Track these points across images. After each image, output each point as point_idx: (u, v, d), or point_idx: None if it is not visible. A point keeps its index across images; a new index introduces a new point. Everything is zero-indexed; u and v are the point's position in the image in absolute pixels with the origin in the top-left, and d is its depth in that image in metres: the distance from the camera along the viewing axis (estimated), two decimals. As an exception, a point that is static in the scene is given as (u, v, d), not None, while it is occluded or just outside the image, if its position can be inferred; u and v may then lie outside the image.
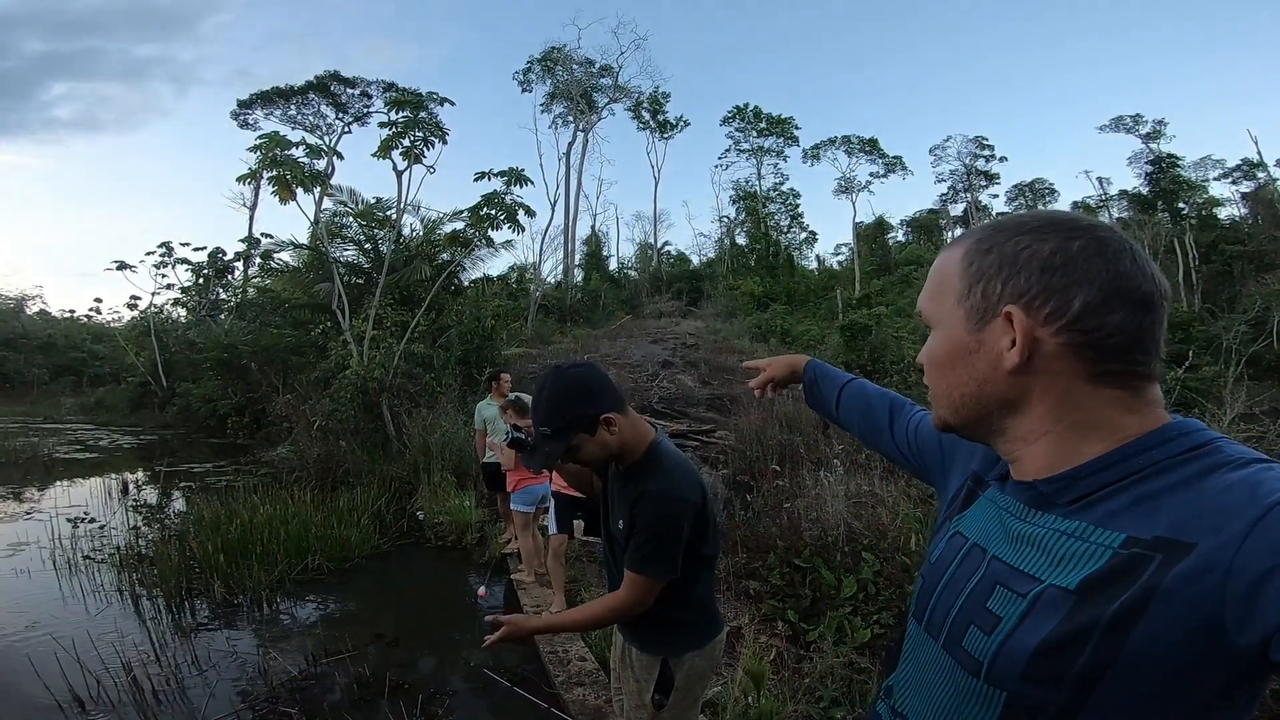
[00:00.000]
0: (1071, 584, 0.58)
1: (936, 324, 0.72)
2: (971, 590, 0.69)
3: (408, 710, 3.09)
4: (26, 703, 3.22)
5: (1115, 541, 0.58)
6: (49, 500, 8.89)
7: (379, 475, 8.28)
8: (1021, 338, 0.63)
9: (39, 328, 41.85)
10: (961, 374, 0.69)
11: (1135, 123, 35.68)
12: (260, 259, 20.39)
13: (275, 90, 27.88)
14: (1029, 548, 0.65)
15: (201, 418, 17.74)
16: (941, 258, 0.73)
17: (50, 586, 5.03)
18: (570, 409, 1.52)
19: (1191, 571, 0.52)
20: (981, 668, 0.63)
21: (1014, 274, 0.65)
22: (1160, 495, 0.58)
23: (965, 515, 0.79)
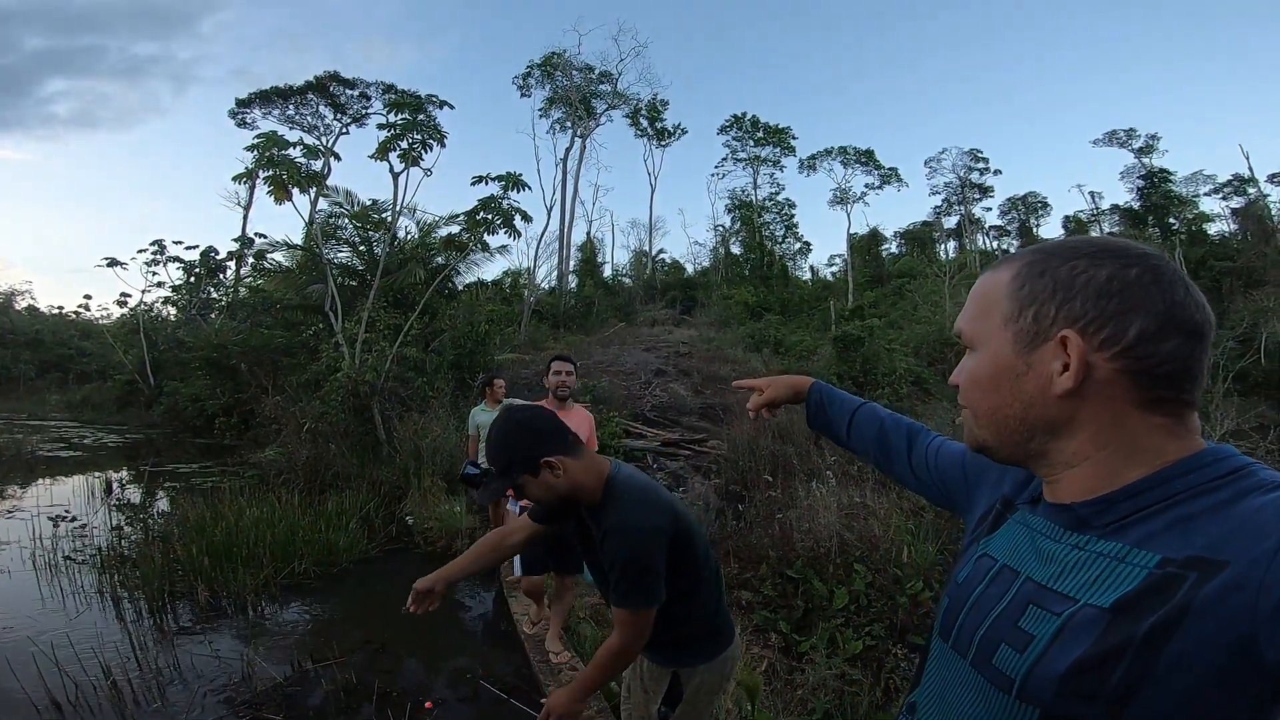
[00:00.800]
0: (1107, 603, 0.60)
1: (979, 345, 0.72)
2: (1002, 610, 0.69)
3: (394, 718, 3.04)
4: (3, 706, 3.15)
5: (1151, 562, 0.59)
6: (31, 499, 8.76)
7: (368, 479, 8.21)
8: (1077, 362, 0.64)
9: (27, 323, 41.42)
10: (1006, 396, 0.69)
11: (1129, 137, 36.14)
12: (253, 259, 20.25)
13: (274, 90, 27.82)
14: (1064, 568, 0.66)
15: (188, 417, 17.58)
16: (986, 279, 0.74)
17: (30, 587, 4.94)
18: (513, 450, 1.56)
19: (1224, 589, 0.53)
20: (1014, 684, 0.64)
21: (1069, 298, 0.66)
22: (1195, 518, 0.59)
23: (993, 538, 0.80)
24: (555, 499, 1.59)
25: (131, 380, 23.23)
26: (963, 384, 0.74)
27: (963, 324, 0.75)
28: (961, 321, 0.76)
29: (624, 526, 1.52)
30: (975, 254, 37.33)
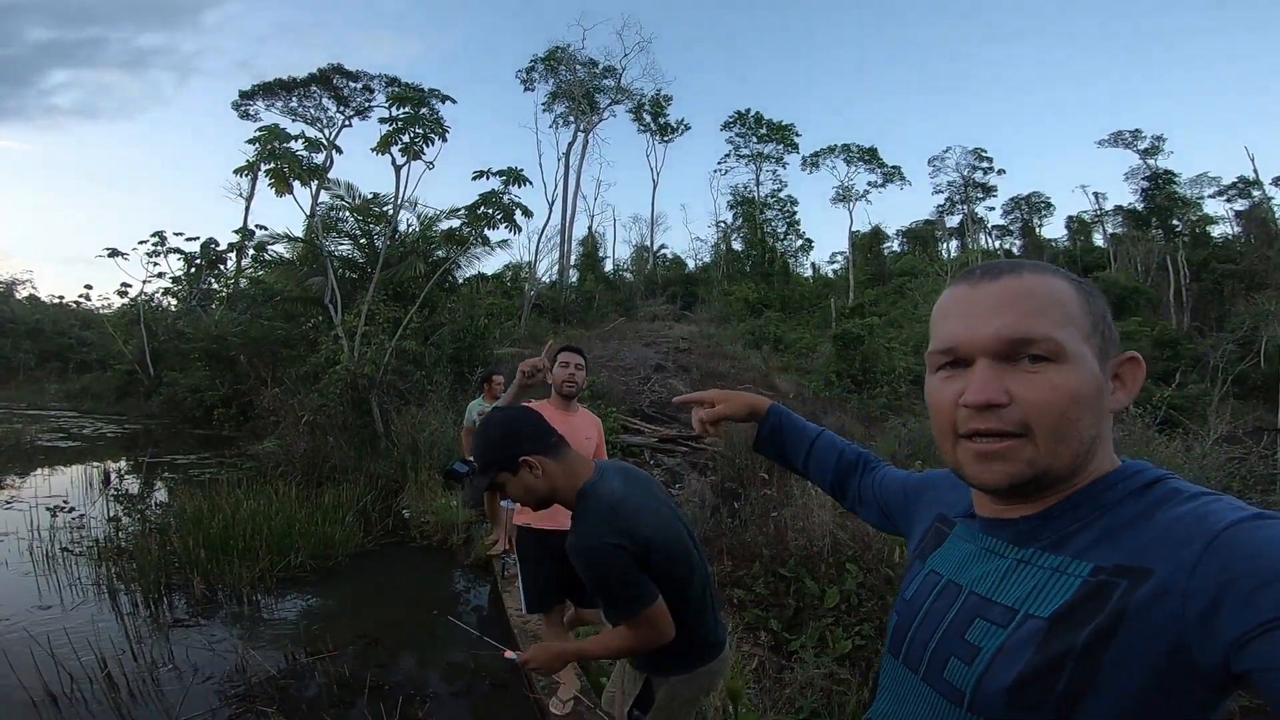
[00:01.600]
0: (1047, 613, 0.62)
1: (1071, 358, 0.64)
2: (950, 623, 0.70)
3: (387, 711, 3.05)
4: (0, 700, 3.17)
5: (1085, 571, 0.62)
6: (29, 489, 8.78)
7: (366, 472, 8.22)
8: (1140, 383, 0.69)
9: (27, 312, 41.40)
10: (1095, 415, 0.65)
11: (1134, 138, 36.09)
12: (254, 250, 20.26)
13: (277, 82, 27.81)
14: (1008, 581, 0.68)
15: (187, 408, 17.62)
16: (1042, 284, 0.66)
17: (27, 579, 4.95)
18: (494, 448, 1.59)
19: (1153, 596, 0.56)
20: (964, 697, 0.65)
21: (1109, 320, 0.69)
22: (1121, 528, 0.63)
23: (937, 554, 0.81)
24: (534, 499, 1.61)
25: (131, 370, 23.26)
26: (1053, 403, 0.63)
27: (1045, 329, 0.64)
28: (1039, 326, 0.64)
29: (579, 546, 1.52)
30: (978, 253, 37.33)
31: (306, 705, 3.21)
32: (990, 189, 41.09)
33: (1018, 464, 0.64)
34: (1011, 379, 0.64)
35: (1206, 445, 5.17)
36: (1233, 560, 0.53)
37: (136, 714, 3.06)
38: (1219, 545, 0.54)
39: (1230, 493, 4.08)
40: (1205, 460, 5.39)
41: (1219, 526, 0.55)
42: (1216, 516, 0.57)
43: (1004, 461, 0.65)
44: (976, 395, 0.64)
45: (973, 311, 0.67)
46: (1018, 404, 0.63)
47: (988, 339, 0.65)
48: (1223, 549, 0.54)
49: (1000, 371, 0.65)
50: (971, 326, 0.66)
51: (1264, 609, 0.49)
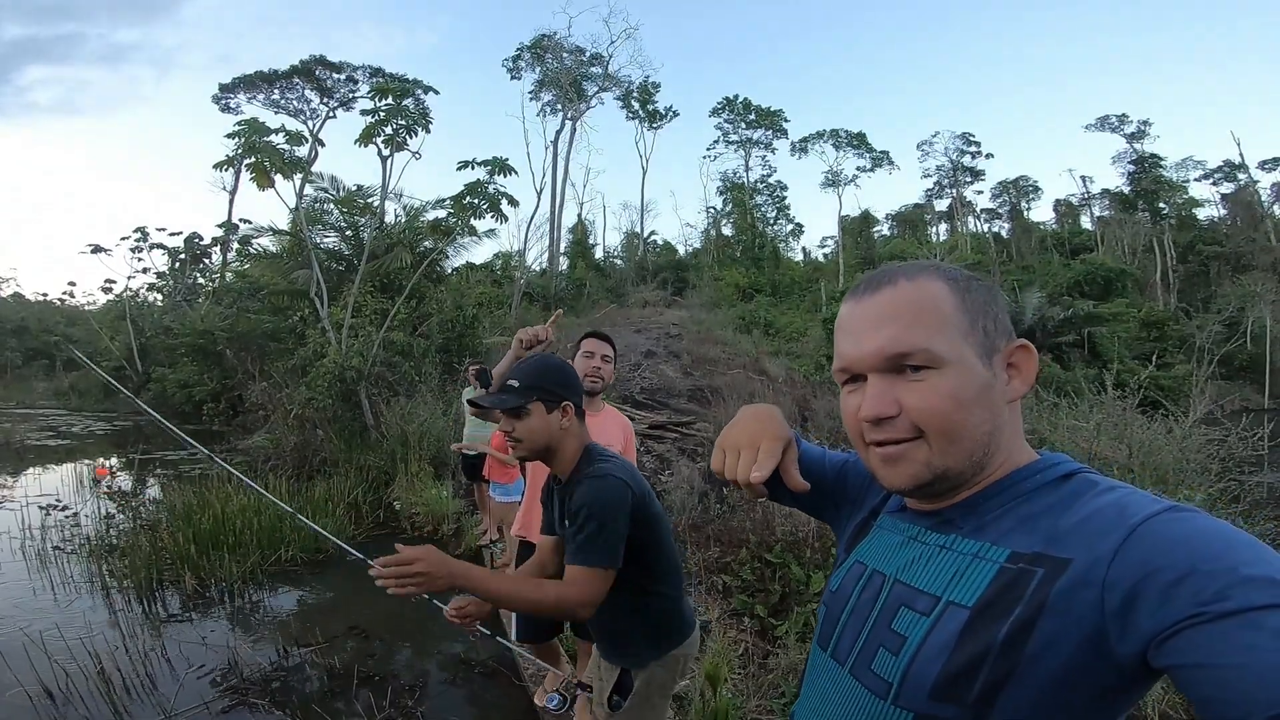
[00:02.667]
0: (969, 601, 0.63)
1: (949, 362, 0.66)
2: (878, 614, 0.71)
3: (377, 702, 3.11)
4: (-5, 694, 3.19)
5: (1002, 557, 0.63)
6: (20, 488, 8.76)
7: (356, 465, 8.23)
8: (1033, 370, 0.69)
9: (12, 311, 40.98)
10: (985, 412, 0.67)
11: (1121, 122, 36.21)
12: (239, 244, 20.09)
13: (259, 74, 27.43)
14: (930, 568, 0.69)
15: (177, 404, 17.54)
16: (914, 292, 0.68)
17: (20, 578, 4.97)
18: (544, 379, 1.61)
19: (1071, 586, 0.57)
20: (890, 689, 0.65)
21: (996, 312, 0.70)
22: (1038, 516, 0.64)
23: (863, 545, 0.82)
24: (544, 442, 1.61)
25: (119, 367, 23.08)
26: (938, 407, 0.65)
27: (919, 340, 0.66)
28: (913, 339, 0.66)
29: (598, 474, 1.55)
30: (967, 236, 37.43)
31: (298, 697, 3.25)
32: (979, 173, 41.15)
33: (916, 464, 0.67)
34: (900, 390, 0.67)
35: (1187, 426, 5.23)
36: (1150, 553, 0.54)
37: (131, 708, 3.09)
38: (1136, 537, 0.55)
39: (1209, 475, 4.14)
40: (1185, 443, 5.47)
41: (1136, 519, 0.56)
42: (1135, 508, 0.58)
43: (905, 463, 0.68)
44: (868, 410, 0.68)
45: (857, 329, 0.70)
46: (906, 413, 0.66)
47: (870, 357, 0.68)
48: (1140, 541, 0.55)
49: (889, 384, 0.67)
50: (857, 345, 0.69)
51: (1180, 606, 0.50)
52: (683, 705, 2.61)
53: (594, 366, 2.55)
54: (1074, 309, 19.54)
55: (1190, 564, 0.51)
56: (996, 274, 29.34)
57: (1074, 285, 25.88)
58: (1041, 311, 18.99)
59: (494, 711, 3.22)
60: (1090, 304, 20.92)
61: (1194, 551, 0.52)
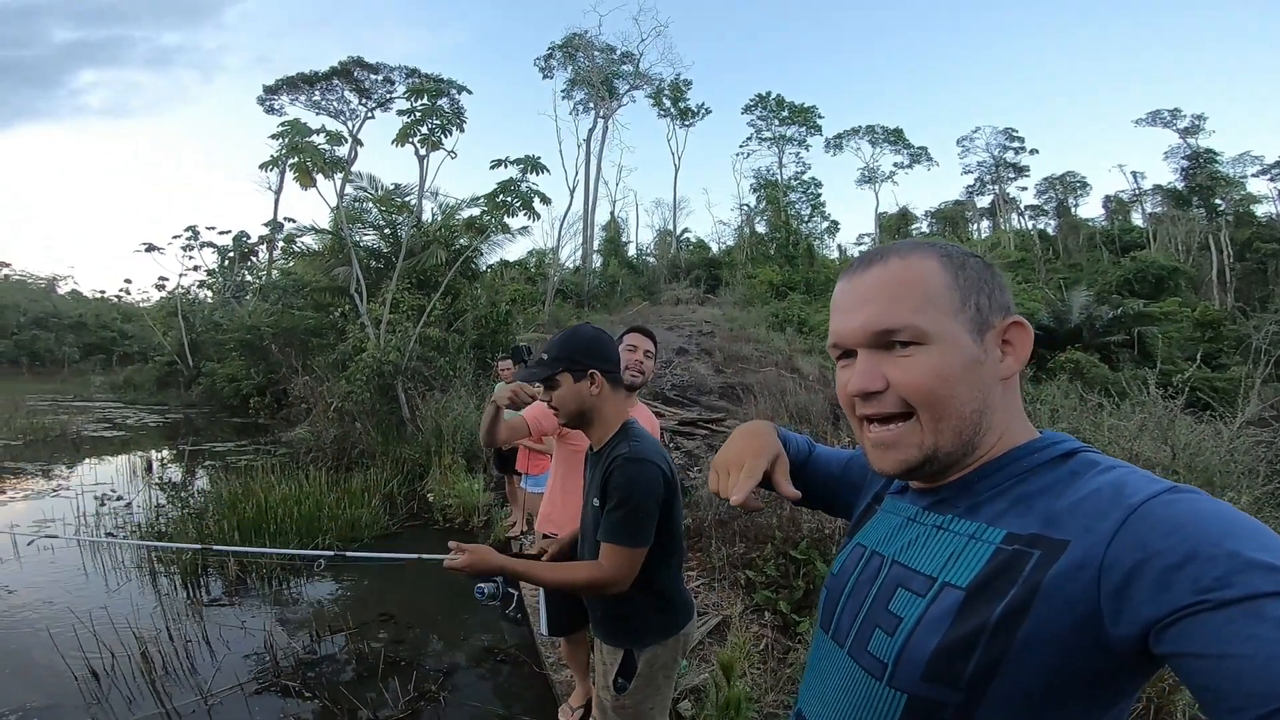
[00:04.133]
0: (963, 582, 0.62)
1: (935, 338, 0.66)
2: (875, 595, 0.71)
3: (403, 686, 3.19)
4: (45, 675, 3.34)
5: (998, 538, 0.63)
6: (76, 478, 9.17)
7: (392, 457, 8.41)
8: (1027, 346, 0.69)
9: (70, 307, 42.94)
10: (974, 389, 0.67)
11: (1173, 117, 34.88)
12: (283, 242, 20.69)
13: (300, 76, 28.13)
14: (926, 549, 0.69)
15: (225, 397, 18.18)
16: (905, 270, 0.69)
17: (73, 563, 5.19)
18: (569, 348, 1.68)
19: (1068, 569, 0.56)
20: (885, 670, 0.65)
21: (993, 289, 0.69)
22: (1034, 496, 0.63)
23: (864, 528, 0.82)
24: (577, 410, 1.69)
25: (171, 361, 24.03)
26: (923, 383, 0.66)
27: (904, 317, 0.67)
28: (898, 315, 0.67)
29: (635, 456, 1.59)
30: (1010, 233, 36.47)
31: (328, 680, 3.35)
32: (1022, 169, 40.06)
33: (908, 450, 0.68)
34: (888, 365, 0.68)
35: (1234, 427, 5.03)
36: (1149, 535, 0.53)
37: (170, 689, 3.21)
38: (1136, 519, 0.55)
39: (1257, 478, 3.98)
40: (1233, 444, 5.25)
41: (1136, 500, 0.56)
42: (1133, 489, 0.57)
43: (895, 449, 0.69)
44: (855, 385, 0.69)
45: (848, 306, 0.71)
46: (894, 388, 0.67)
47: (858, 333, 0.69)
48: (1140, 522, 0.54)
49: (878, 359, 0.68)
50: (847, 321, 0.70)
51: (1181, 592, 0.50)
52: (700, 697, 2.62)
53: (636, 360, 2.55)
54: (1123, 308, 18.88)
55: (1191, 548, 0.50)
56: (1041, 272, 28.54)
57: (1123, 283, 25.01)
58: (1089, 310, 18.39)
59: (515, 699, 3.26)
60: (1141, 303, 20.18)
61: (1194, 535, 0.51)
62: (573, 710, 2.87)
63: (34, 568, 5.17)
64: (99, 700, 3.11)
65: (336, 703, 3.09)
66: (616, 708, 1.74)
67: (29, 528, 6.25)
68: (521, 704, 3.19)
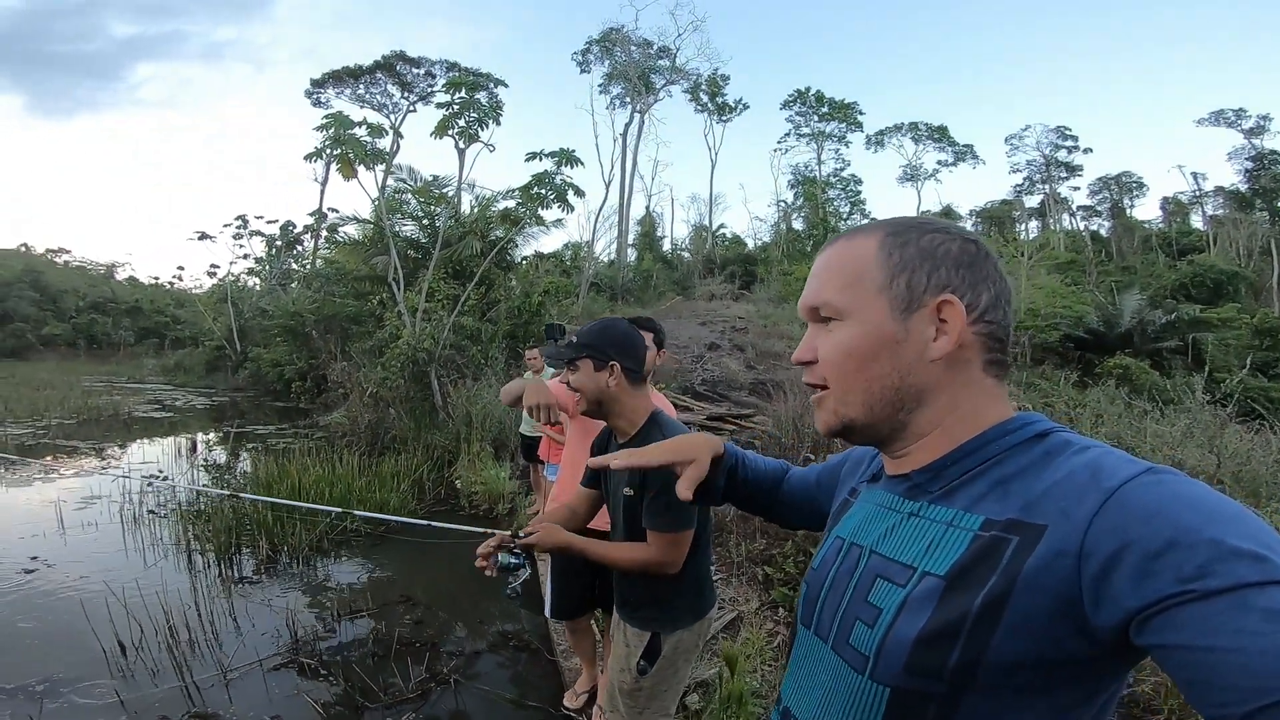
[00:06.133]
0: (942, 570, 0.61)
1: (851, 315, 0.69)
2: (855, 586, 0.70)
3: (415, 668, 3.24)
4: (74, 647, 3.48)
5: (975, 524, 0.62)
6: (125, 457, 9.56)
7: (423, 443, 8.56)
8: (961, 326, 0.67)
9: (127, 293, 44.75)
10: (886, 366, 0.68)
11: (1238, 117, 33.35)
12: (327, 232, 21.20)
13: (345, 70, 28.81)
14: (903, 537, 0.68)
15: (269, 382, 18.74)
16: (842, 249, 0.72)
17: (115, 539, 5.38)
18: (598, 339, 1.74)
19: (1047, 556, 0.55)
20: (867, 663, 0.64)
21: (936, 267, 0.68)
22: (1011, 480, 0.62)
23: (841, 521, 0.81)
24: (594, 396, 1.74)
25: (220, 346, 24.83)
26: (832, 357, 0.70)
27: (826, 294, 0.71)
28: (823, 293, 0.71)
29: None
30: (1060, 234, 35.34)
31: (344, 659, 3.42)
32: (1075, 168, 38.68)
33: (826, 413, 0.73)
34: (819, 338, 0.73)
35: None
36: (1128, 520, 0.52)
37: (193, 662, 3.31)
38: (1114, 503, 0.53)
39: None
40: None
41: (1113, 482, 0.54)
42: (1110, 471, 0.56)
43: (820, 410, 0.74)
44: (795, 355, 0.75)
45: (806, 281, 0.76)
46: (820, 360, 0.72)
47: (800, 309, 0.75)
48: (1118, 507, 0.53)
49: (814, 334, 0.73)
50: (801, 298, 0.76)
51: (1162, 581, 0.48)
52: (708, 690, 2.59)
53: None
54: (1178, 313, 18.13)
55: (1171, 535, 0.49)
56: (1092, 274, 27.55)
57: (1179, 288, 24.00)
58: (1141, 315, 17.71)
59: (525, 684, 3.28)
60: (1197, 308, 19.36)
61: (1174, 521, 0.50)
62: (577, 695, 2.92)
63: (76, 543, 5.38)
64: (124, 672, 3.22)
65: (350, 681, 3.15)
66: (634, 690, 1.76)
67: (76, 504, 6.55)
68: (531, 689, 3.21)
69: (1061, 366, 15.24)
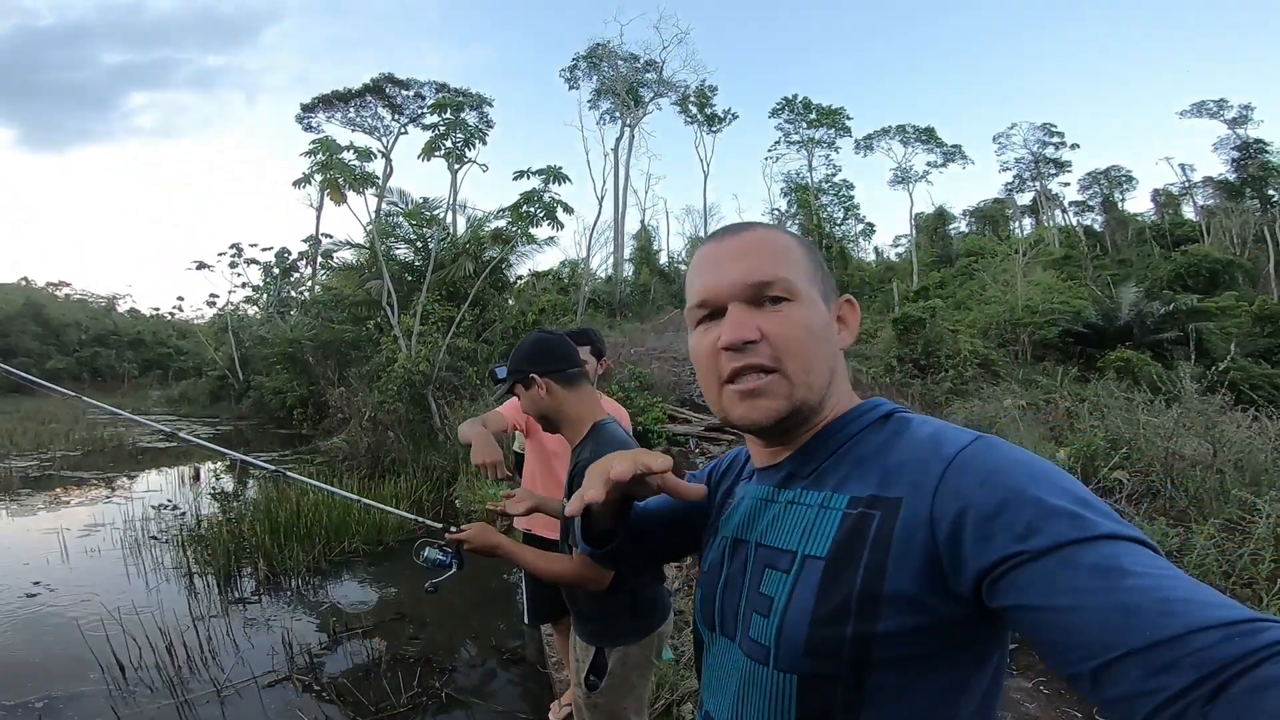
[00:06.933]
0: (821, 552, 0.63)
1: (802, 296, 0.70)
2: (748, 581, 0.71)
3: (407, 682, 3.28)
4: (74, 666, 3.54)
5: (843, 503, 0.65)
6: (129, 486, 9.62)
7: (422, 464, 8.62)
8: (857, 323, 0.76)
9: (129, 325, 44.94)
10: (829, 349, 0.71)
11: (1219, 108, 33.47)
12: (322, 257, 21.36)
13: (335, 94, 28.98)
14: (784, 525, 0.70)
15: (272, 409, 18.80)
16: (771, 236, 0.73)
17: (116, 564, 5.44)
18: (515, 361, 1.73)
19: (907, 525, 0.58)
20: (769, 653, 0.64)
21: (825, 270, 0.76)
22: (867, 459, 0.66)
23: (722, 522, 0.82)
24: (538, 414, 1.73)
25: (222, 376, 24.94)
26: (796, 336, 0.68)
27: (783, 272, 0.69)
28: (778, 270, 0.69)
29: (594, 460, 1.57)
30: (1054, 230, 35.40)
31: (338, 675, 3.49)
32: (1064, 164, 38.72)
33: (778, 399, 0.68)
34: (760, 319, 0.68)
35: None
36: (964, 485, 0.56)
37: (190, 680, 3.38)
38: (952, 470, 0.58)
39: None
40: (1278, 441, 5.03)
41: (951, 450, 0.59)
42: (949, 441, 0.61)
43: (766, 397, 0.68)
44: (730, 335, 0.68)
45: (719, 263, 0.71)
46: (767, 340, 0.68)
47: (734, 284, 0.69)
48: (956, 473, 0.57)
49: (751, 313, 0.69)
50: (719, 277, 0.71)
51: (999, 543, 0.52)
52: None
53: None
54: (1176, 304, 18.11)
55: (1002, 497, 0.53)
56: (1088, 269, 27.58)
57: (1175, 278, 23.97)
58: (1139, 307, 17.69)
59: (515, 696, 3.34)
60: (1194, 298, 19.33)
61: (1003, 483, 0.54)
62: (561, 706, 2.91)
63: (81, 569, 5.45)
64: (122, 690, 3.28)
65: (343, 696, 3.21)
66: (589, 705, 1.75)
67: (80, 531, 6.62)
68: (520, 702, 3.27)
69: (1062, 362, 15.19)
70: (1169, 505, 4.65)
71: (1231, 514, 4.01)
